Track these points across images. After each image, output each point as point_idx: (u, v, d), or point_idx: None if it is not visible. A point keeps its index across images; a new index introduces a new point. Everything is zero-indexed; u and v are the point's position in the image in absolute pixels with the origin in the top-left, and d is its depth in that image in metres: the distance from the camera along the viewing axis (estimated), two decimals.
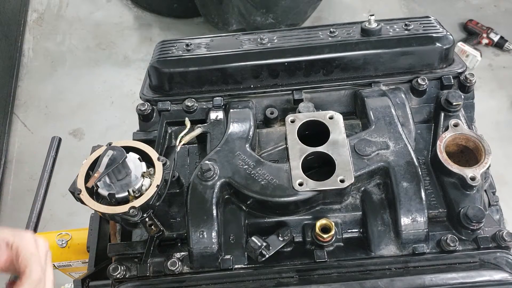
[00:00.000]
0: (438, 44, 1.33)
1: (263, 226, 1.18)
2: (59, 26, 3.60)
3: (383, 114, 1.23)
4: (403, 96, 1.30)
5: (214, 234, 1.10)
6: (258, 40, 1.37)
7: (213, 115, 1.30)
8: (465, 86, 1.33)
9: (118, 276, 1.11)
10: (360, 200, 1.19)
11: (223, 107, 1.32)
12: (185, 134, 1.16)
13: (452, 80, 1.32)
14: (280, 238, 1.11)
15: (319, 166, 1.19)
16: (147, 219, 1.12)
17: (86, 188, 1.05)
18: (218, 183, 1.14)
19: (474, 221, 1.10)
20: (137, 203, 1.04)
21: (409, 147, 1.18)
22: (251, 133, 1.24)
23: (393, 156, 1.16)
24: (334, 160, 1.14)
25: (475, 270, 1.07)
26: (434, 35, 1.34)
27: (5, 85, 3.13)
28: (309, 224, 1.16)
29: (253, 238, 1.10)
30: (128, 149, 1.09)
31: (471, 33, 3.32)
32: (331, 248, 1.15)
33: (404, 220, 1.10)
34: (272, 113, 1.32)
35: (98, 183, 1.05)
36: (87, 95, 3.23)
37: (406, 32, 1.35)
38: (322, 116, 1.21)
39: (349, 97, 1.34)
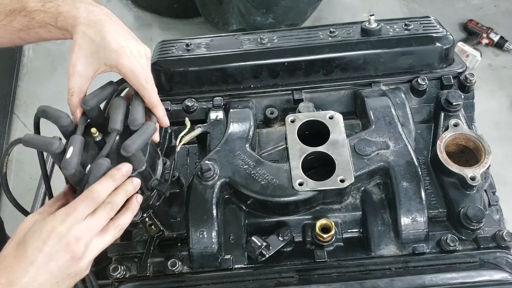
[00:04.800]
0: (438, 44, 1.33)
1: (263, 226, 1.18)
2: None
3: (383, 114, 1.23)
4: (403, 96, 1.30)
5: (214, 234, 1.10)
6: (258, 40, 1.37)
7: (213, 115, 1.30)
8: (465, 86, 1.33)
9: (118, 276, 1.11)
10: (360, 200, 1.19)
11: (223, 107, 1.32)
12: (185, 134, 1.16)
13: (452, 80, 1.32)
14: (280, 238, 1.12)
15: (319, 166, 1.19)
16: (147, 219, 1.12)
17: None
18: (218, 183, 1.14)
19: (474, 221, 1.10)
20: None
21: (409, 147, 1.18)
22: (251, 133, 1.24)
23: (393, 156, 1.16)
24: (334, 160, 1.14)
25: (475, 270, 1.07)
26: (434, 35, 1.34)
27: (5, 85, 3.13)
28: (309, 224, 1.16)
29: (253, 238, 1.10)
30: None
31: (471, 33, 3.31)
32: (331, 248, 1.15)
33: (404, 220, 1.11)
34: (272, 113, 1.32)
35: None
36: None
37: (406, 32, 1.35)
38: (322, 116, 1.21)
39: (349, 97, 1.34)
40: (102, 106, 1.01)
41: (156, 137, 1.03)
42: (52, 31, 1.01)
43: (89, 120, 0.98)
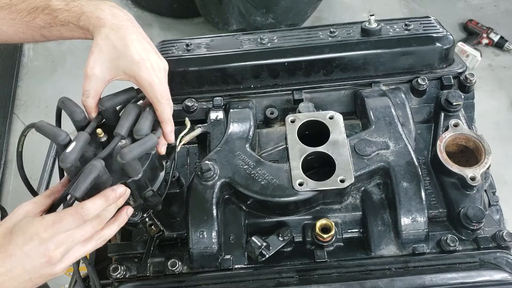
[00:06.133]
0: (438, 44, 1.33)
1: (263, 226, 1.18)
2: None
3: (383, 114, 1.23)
4: (403, 96, 1.30)
5: (214, 234, 1.10)
6: (258, 40, 1.37)
7: (213, 115, 1.30)
8: (465, 86, 1.33)
9: (118, 276, 1.11)
10: (360, 200, 1.19)
11: (223, 107, 1.32)
12: (185, 134, 1.16)
13: (452, 80, 1.32)
14: (280, 238, 1.11)
15: (319, 166, 1.19)
16: (147, 219, 1.12)
17: None
18: (218, 183, 1.14)
19: (474, 221, 1.10)
20: None
21: (409, 147, 1.18)
22: (251, 133, 1.24)
23: (393, 156, 1.16)
24: (334, 160, 1.14)
25: (475, 270, 1.07)
26: (434, 35, 1.34)
27: (5, 85, 3.13)
28: (309, 224, 1.16)
29: (253, 238, 1.10)
30: None
31: (471, 33, 3.32)
32: (331, 248, 1.15)
33: (404, 220, 1.11)
34: (272, 113, 1.32)
35: None
36: None
37: (406, 32, 1.35)
38: (322, 116, 1.21)
39: (349, 97, 1.34)
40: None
41: (162, 150, 1.04)
42: (74, 29, 1.02)
43: (104, 120, 1.00)
